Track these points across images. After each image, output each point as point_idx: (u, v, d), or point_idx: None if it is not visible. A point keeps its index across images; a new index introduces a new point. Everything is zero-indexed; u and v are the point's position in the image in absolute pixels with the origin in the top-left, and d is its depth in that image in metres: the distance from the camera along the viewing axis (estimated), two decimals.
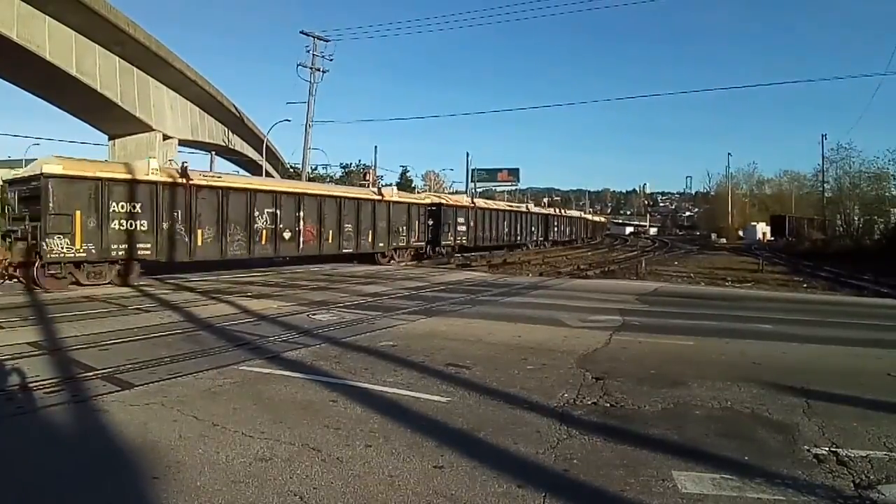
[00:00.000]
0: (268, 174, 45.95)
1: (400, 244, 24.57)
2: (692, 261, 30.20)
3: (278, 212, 18.76)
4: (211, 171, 27.24)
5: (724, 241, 64.54)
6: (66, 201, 13.26)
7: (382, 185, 34.11)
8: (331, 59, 36.25)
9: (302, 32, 35.79)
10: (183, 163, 17.51)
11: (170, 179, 15.75)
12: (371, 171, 53.37)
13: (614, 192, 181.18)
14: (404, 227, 24.80)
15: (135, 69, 34.16)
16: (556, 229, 46.72)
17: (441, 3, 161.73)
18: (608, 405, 5.16)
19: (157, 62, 34.49)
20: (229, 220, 17.18)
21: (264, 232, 18.37)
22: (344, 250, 21.76)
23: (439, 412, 4.89)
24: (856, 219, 41.33)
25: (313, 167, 49.43)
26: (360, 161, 61.70)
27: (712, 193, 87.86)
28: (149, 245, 14.98)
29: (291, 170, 53.41)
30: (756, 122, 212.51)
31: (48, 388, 5.36)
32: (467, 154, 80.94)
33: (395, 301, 12.28)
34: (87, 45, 30.24)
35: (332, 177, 56.88)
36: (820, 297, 15.22)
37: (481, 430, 4.45)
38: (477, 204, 33.71)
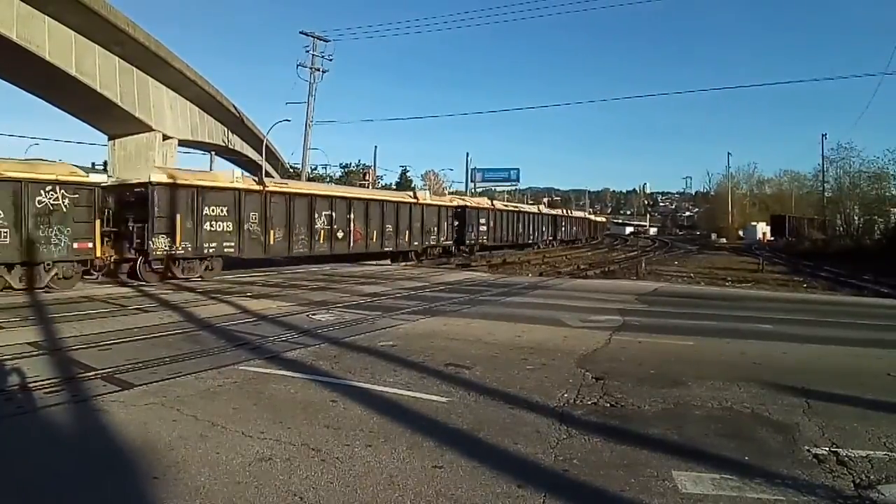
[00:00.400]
0: (267, 174, 45.90)
1: (431, 243, 26.84)
2: (692, 261, 30.20)
3: (333, 214, 21.03)
4: (210, 171, 28.12)
5: (724, 240, 64.55)
6: (169, 206, 15.33)
7: (418, 189, 36.86)
8: (330, 59, 36.31)
9: (302, 32, 35.85)
10: (259, 171, 21.27)
11: (249, 186, 17.99)
12: (371, 170, 53.41)
13: (614, 191, 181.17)
14: (435, 228, 27.13)
15: (134, 69, 34.11)
16: (563, 229, 48.77)
17: (441, 4, 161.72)
18: (608, 405, 5.15)
19: (156, 62, 34.44)
20: (295, 221, 19.30)
21: (322, 232, 20.61)
22: (385, 248, 24.04)
23: (439, 412, 4.89)
24: (856, 219, 41.30)
25: (313, 167, 49.51)
26: (359, 161, 61.76)
27: (712, 193, 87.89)
28: (233, 243, 17.02)
29: (291, 170, 53.43)
30: (756, 122, 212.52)
31: (48, 388, 5.37)
32: (467, 154, 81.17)
33: (395, 301, 12.28)
34: (87, 45, 30.20)
35: (331, 177, 56.93)
36: (820, 297, 15.22)
37: (481, 430, 4.45)
38: (496, 206, 35.80)
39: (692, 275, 20.50)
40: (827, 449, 4.15)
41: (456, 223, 29.15)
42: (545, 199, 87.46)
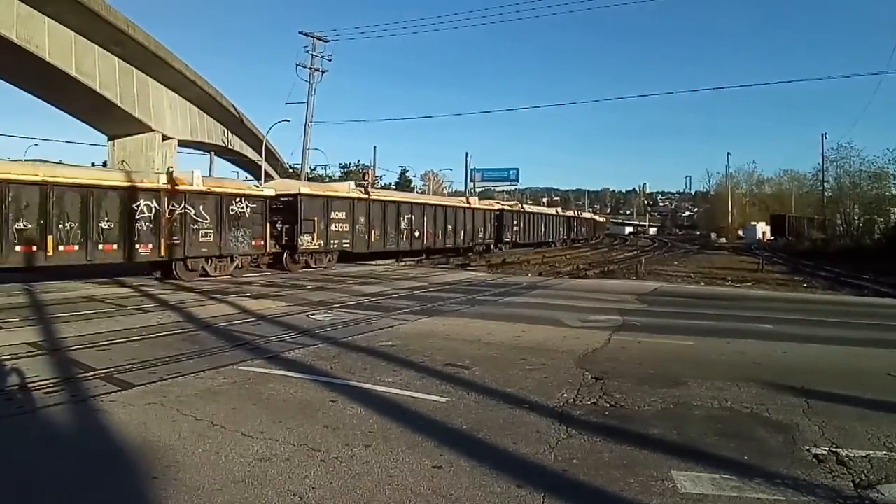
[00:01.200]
0: (267, 174, 45.92)
1: (478, 241, 31.56)
2: (692, 260, 30.20)
3: (412, 217, 26.13)
4: (210, 173, 29.00)
5: (723, 240, 64.56)
6: (310, 211, 20.19)
7: (471, 195, 42.84)
8: (330, 60, 36.36)
9: (301, 33, 35.92)
10: (367, 182, 25.10)
11: (359, 195, 22.98)
12: (370, 171, 53.40)
13: (614, 191, 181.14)
14: (482, 228, 32.24)
15: (134, 69, 34.12)
16: (574, 229, 53.63)
17: (440, 3, 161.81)
18: (608, 405, 5.15)
19: (156, 62, 34.46)
20: (386, 223, 24.38)
21: (405, 232, 25.64)
22: (447, 245, 28.77)
23: (438, 412, 4.89)
24: (856, 218, 41.28)
25: (312, 167, 49.48)
26: (358, 161, 61.72)
27: (712, 193, 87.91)
28: (348, 240, 22.10)
29: (290, 170, 53.39)
30: (756, 122, 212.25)
31: (48, 388, 5.37)
32: (466, 154, 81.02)
33: (395, 301, 12.28)
34: (87, 45, 30.21)
35: (330, 177, 56.87)
36: (820, 296, 15.22)
37: (480, 430, 4.45)
38: (525, 209, 41.35)
39: (692, 274, 20.50)
40: (827, 449, 4.14)
41: (495, 224, 34.00)
42: (544, 200, 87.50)
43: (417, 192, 55.05)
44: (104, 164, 36.03)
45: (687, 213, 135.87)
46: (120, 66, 32.99)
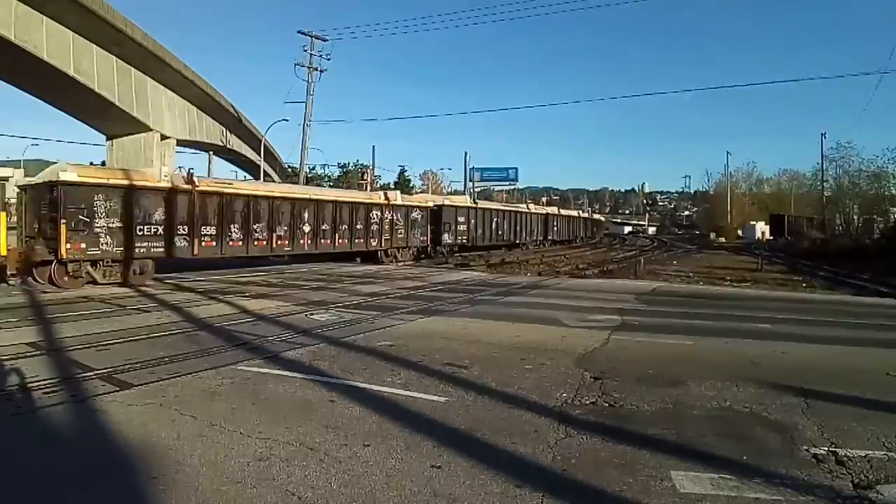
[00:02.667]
0: (266, 174, 45.94)
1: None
2: (691, 260, 30.21)
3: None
4: (209, 173, 29.08)
5: (723, 240, 64.56)
6: (448, 216, 29.10)
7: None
8: (328, 59, 36.34)
9: (300, 32, 35.88)
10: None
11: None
12: (369, 170, 53.41)
13: (613, 191, 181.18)
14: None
15: (132, 69, 34.07)
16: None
17: (439, 3, 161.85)
18: (607, 405, 5.15)
19: (154, 62, 34.42)
20: (445, 225, 29.49)
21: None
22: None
23: (437, 412, 4.89)
24: (855, 218, 41.37)
25: (311, 167, 49.46)
26: (357, 161, 61.73)
27: (711, 192, 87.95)
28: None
29: (289, 170, 53.40)
30: (755, 121, 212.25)
31: (47, 388, 5.36)
32: (465, 153, 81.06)
33: (394, 301, 12.27)
34: (85, 45, 30.16)
35: (329, 177, 56.90)
36: (819, 296, 15.23)
37: (479, 430, 4.45)
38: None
39: (691, 274, 20.50)
40: (826, 449, 4.15)
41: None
42: (543, 199, 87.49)
43: (416, 193, 54.99)
44: (102, 164, 35.95)
45: (686, 212, 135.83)
46: (118, 66, 32.94)
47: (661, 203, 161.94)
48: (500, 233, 36.02)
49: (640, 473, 3.68)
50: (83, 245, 13.74)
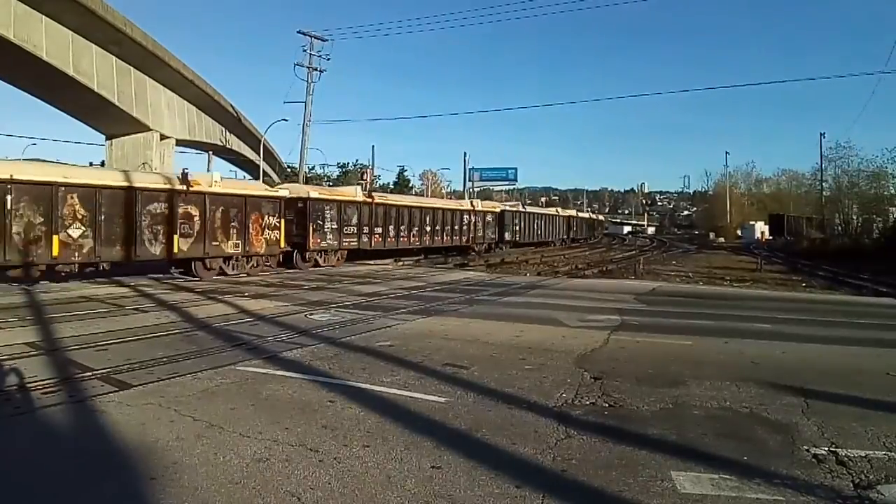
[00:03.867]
0: (265, 174, 45.91)
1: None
2: (690, 260, 30.24)
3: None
4: (208, 171, 29.17)
5: (722, 240, 64.66)
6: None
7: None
8: (328, 59, 36.30)
9: (299, 32, 35.84)
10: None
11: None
12: (368, 170, 53.39)
13: (612, 191, 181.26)
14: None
15: (132, 69, 34.07)
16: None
17: (439, 3, 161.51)
18: (606, 405, 5.15)
19: (154, 62, 34.41)
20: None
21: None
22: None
23: (437, 412, 4.88)
24: (854, 218, 41.32)
25: (310, 167, 49.42)
26: (356, 160, 61.68)
27: (710, 192, 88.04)
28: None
29: (288, 170, 53.37)
30: (754, 121, 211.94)
31: (46, 388, 5.35)
32: (465, 154, 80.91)
33: (393, 301, 12.26)
34: (85, 44, 30.15)
35: (329, 177, 56.86)
36: (819, 296, 15.24)
37: (479, 431, 4.44)
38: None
39: (690, 274, 20.51)
40: (826, 449, 4.14)
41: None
42: (542, 199, 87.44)
43: (416, 193, 55.13)
44: (102, 164, 35.90)
45: (685, 212, 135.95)
46: (118, 66, 32.94)
47: (660, 203, 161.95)
48: (539, 232, 43.55)
49: (640, 474, 3.67)
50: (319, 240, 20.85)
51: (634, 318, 10.25)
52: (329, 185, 48.21)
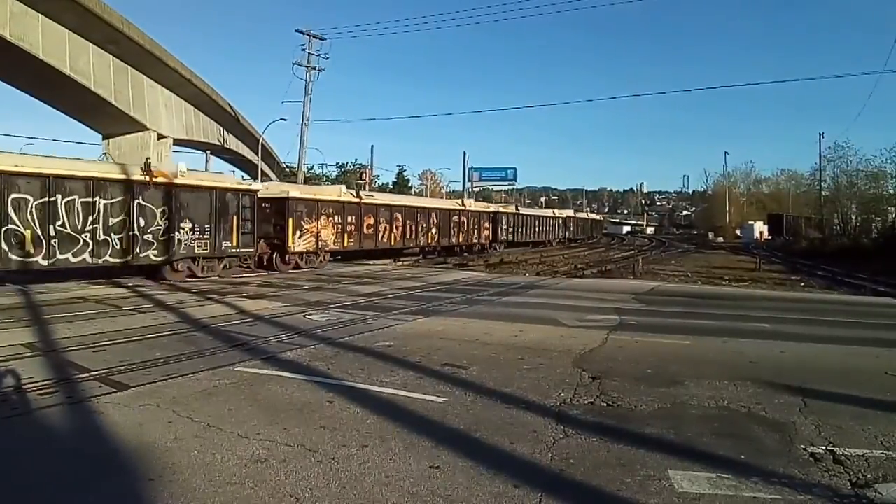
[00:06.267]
0: (263, 174, 45.84)
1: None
2: (689, 260, 30.27)
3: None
4: (206, 170, 28.98)
5: (721, 239, 64.74)
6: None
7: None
8: (326, 58, 36.21)
9: (297, 31, 35.77)
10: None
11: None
12: (367, 170, 53.37)
13: (611, 191, 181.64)
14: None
15: (129, 68, 33.97)
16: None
17: (438, 2, 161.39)
18: (605, 405, 5.15)
19: (151, 61, 34.32)
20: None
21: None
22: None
23: (436, 412, 4.88)
24: (853, 217, 41.36)
25: (309, 167, 49.34)
26: (356, 160, 61.61)
27: (709, 192, 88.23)
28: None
29: (287, 169, 53.29)
30: (753, 121, 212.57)
31: (43, 389, 5.33)
32: (464, 153, 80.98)
33: (392, 301, 12.26)
34: (81, 43, 30.05)
35: (327, 176, 56.79)
36: (817, 295, 15.26)
37: (478, 431, 4.44)
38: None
39: (689, 274, 20.53)
40: (824, 448, 4.14)
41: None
42: (542, 199, 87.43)
43: (415, 193, 55.15)
44: None
45: (684, 212, 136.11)
46: (114, 65, 32.85)
47: (659, 203, 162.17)
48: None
49: (637, 473, 3.67)
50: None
51: (633, 318, 10.25)
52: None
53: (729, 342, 8.16)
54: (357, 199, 23.76)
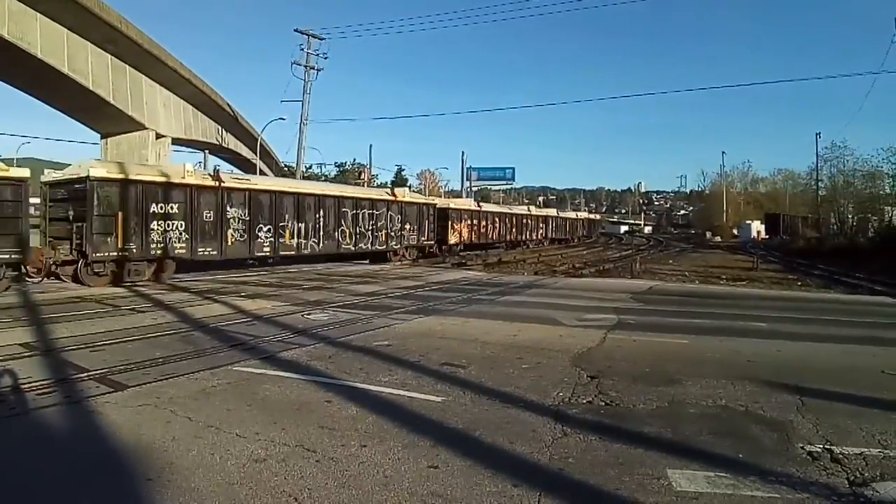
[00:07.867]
0: (262, 173, 45.79)
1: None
2: (687, 259, 30.31)
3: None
4: (204, 169, 28.75)
5: (718, 239, 64.78)
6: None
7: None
8: (325, 58, 36.25)
9: (296, 30, 35.76)
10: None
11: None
12: (366, 170, 53.35)
13: (609, 190, 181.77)
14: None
15: (127, 67, 33.90)
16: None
17: (437, 2, 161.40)
18: (603, 404, 5.16)
19: (149, 60, 34.24)
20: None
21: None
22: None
23: (435, 412, 4.88)
24: (850, 217, 41.50)
25: (308, 166, 49.32)
26: (354, 160, 61.61)
27: (707, 192, 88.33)
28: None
29: (286, 169, 53.26)
30: (750, 121, 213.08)
31: (41, 389, 5.32)
32: (462, 153, 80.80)
33: (391, 300, 12.25)
34: (80, 42, 29.98)
35: (326, 176, 56.77)
36: (814, 295, 15.29)
37: (477, 430, 4.44)
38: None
39: (687, 273, 20.56)
40: (821, 446, 4.16)
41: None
42: (540, 199, 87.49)
43: (413, 192, 55.04)
44: None
45: (682, 211, 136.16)
46: (113, 64, 32.77)
47: (656, 202, 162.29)
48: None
49: (636, 472, 3.68)
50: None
51: (631, 317, 10.27)
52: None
53: (726, 341, 8.18)
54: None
